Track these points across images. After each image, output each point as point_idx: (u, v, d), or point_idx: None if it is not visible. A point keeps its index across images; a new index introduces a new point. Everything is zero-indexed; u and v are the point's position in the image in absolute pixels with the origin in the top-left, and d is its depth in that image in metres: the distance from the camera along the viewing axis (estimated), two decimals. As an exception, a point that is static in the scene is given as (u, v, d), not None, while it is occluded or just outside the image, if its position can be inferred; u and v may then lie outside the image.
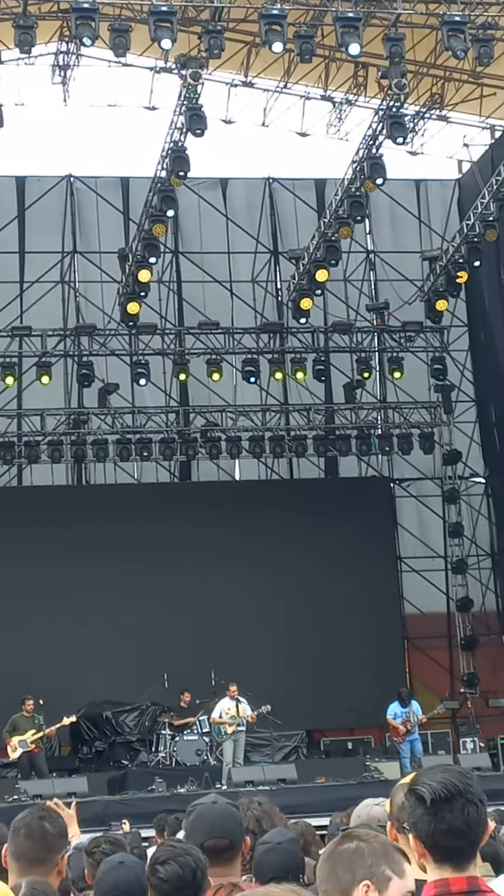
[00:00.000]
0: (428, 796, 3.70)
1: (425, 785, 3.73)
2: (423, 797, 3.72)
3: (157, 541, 30.46)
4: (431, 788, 3.71)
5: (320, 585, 31.13)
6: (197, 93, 25.24)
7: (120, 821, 16.42)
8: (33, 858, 4.99)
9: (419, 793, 3.74)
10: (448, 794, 3.70)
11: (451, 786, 3.71)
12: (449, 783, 3.72)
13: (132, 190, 33.11)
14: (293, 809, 17.12)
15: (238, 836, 5.25)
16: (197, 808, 5.37)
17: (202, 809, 5.32)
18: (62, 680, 27.34)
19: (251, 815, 6.20)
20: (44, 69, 30.37)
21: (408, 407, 33.37)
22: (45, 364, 30.80)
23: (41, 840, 5.05)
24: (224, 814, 5.28)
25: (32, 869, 4.94)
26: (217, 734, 24.64)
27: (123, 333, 31.80)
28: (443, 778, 3.74)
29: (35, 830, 5.06)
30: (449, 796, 3.70)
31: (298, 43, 24.72)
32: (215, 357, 31.58)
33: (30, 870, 4.92)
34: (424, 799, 3.71)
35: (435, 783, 3.72)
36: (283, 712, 25.64)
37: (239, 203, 34.74)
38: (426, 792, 3.72)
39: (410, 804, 3.77)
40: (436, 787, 3.71)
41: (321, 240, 29.74)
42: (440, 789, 3.70)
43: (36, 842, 5.04)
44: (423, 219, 35.27)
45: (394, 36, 25.00)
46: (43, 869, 4.98)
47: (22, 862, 4.98)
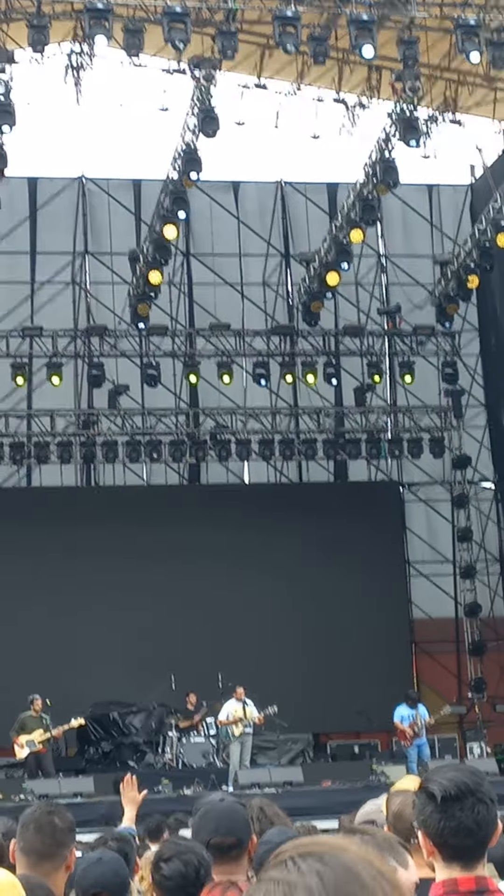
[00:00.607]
0: (439, 794, 3.67)
1: (436, 783, 3.71)
2: (433, 795, 3.69)
3: (165, 543, 30.45)
4: (442, 786, 3.68)
5: (328, 589, 31.10)
6: (210, 94, 25.25)
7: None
8: (42, 853, 4.98)
9: (430, 790, 3.71)
10: (459, 792, 3.67)
11: (461, 784, 3.68)
12: (460, 781, 3.70)
13: (144, 191, 33.14)
14: (299, 812, 17.08)
15: (245, 833, 5.23)
16: (204, 805, 5.36)
17: (209, 807, 5.31)
18: (69, 681, 27.32)
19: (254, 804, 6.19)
20: (57, 69, 30.35)
21: (418, 411, 33.33)
22: (56, 365, 30.81)
23: (50, 835, 5.03)
24: (231, 811, 5.26)
25: (41, 864, 4.92)
26: (224, 736, 24.62)
27: (134, 335, 31.82)
28: (454, 776, 3.71)
29: (44, 825, 5.05)
30: (460, 794, 3.67)
31: (312, 45, 24.72)
32: (226, 359, 31.58)
33: (39, 865, 4.90)
34: (435, 796, 3.68)
35: (446, 781, 3.70)
36: (289, 715, 25.61)
37: (251, 206, 34.74)
38: (437, 790, 3.69)
39: (421, 802, 3.75)
40: (447, 785, 3.68)
41: (332, 243, 29.71)
42: (451, 787, 3.68)
43: (45, 837, 5.02)
44: (435, 223, 35.23)
45: (408, 39, 25.01)
46: (51, 864, 4.97)
47: (31, 857, 4.97)
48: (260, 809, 6.29)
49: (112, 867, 5.54)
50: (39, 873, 4.78)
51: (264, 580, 30.85)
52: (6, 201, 29.37)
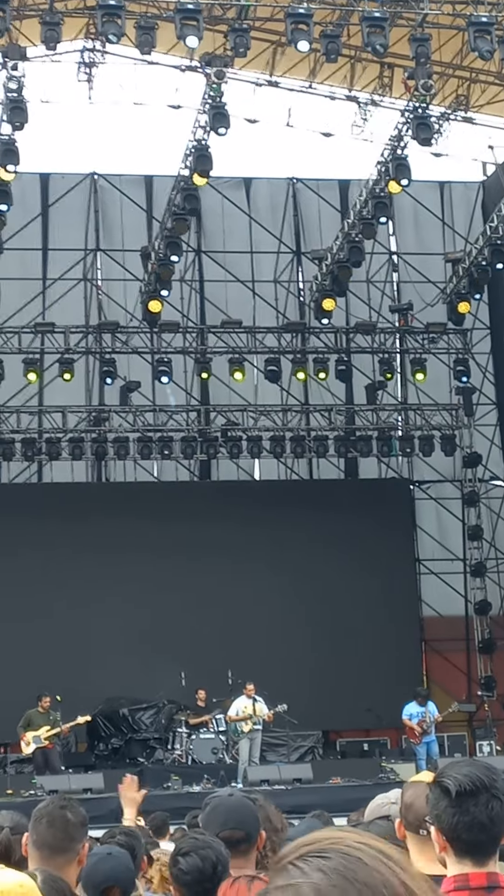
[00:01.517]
0: (453, 788, 3.69)
1: (451, 777, 3.72)
2: (448, 789, 3.71)
3: (175, 539, 30.49)
4: (457, 781, 3.70)
5: (338, 586, 31.11)
6: (221, 91, 25.24)
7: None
8: (55, 847, 5.00)
9: (444, 785, 3.73)
10: (473, 787, 3.69)
11: (476, 779, 3.70)
12: (475, 776, 3.71)
13: (156, 188, 33.15)
14: (308, 809, 17.03)
15: (254, 828, 5.25)
16: (213, 800, 5.39)
17: (218, 801, 5.34)
18: (79, 676, 27.37)
19: None
20: (69, 66, 30.42)
21: (429, 409, 33.31)
22: (68, 361, 30.85)
23: (62, 829, 5.05)
24: (240, 806, 5.28)
25: (54, 858, 4.94)
26: (233, 733, 24.64)
27: (145, 331, 31.83)
28: (469, 771, 3.73)
29: (56, 819, 5.07)
30: (474, 790, 3.69)
31: (324, 42, 24.69)
32: (237, 356, 31.59)
33: (51, 859, 4.93)
34: (450, 791, 3.70)
35: (461, 776, 3.71)
36: (299, 712, 25.64)
37: (262, 203, 34.74)
38: (451, 784, 3.71)
39: (435, 796, 3.76)
40: (461, 780, 3.70)
41: (345, 240, 29.72)
42: (466, 782, 3.69)
43: (57, 831, 5.04)
44: (446, 221, 35.21)
45: (420, 36, 24.99)
46: (64, 858, 4.99)
47: (44, 850, 4.99)
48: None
49: (122, 862, 5.58)
50: (52, 867, 4.80)
51: (274, 577, 30.87)
52: (18, 198, 29.29)
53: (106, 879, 5.46)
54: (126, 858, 5.68)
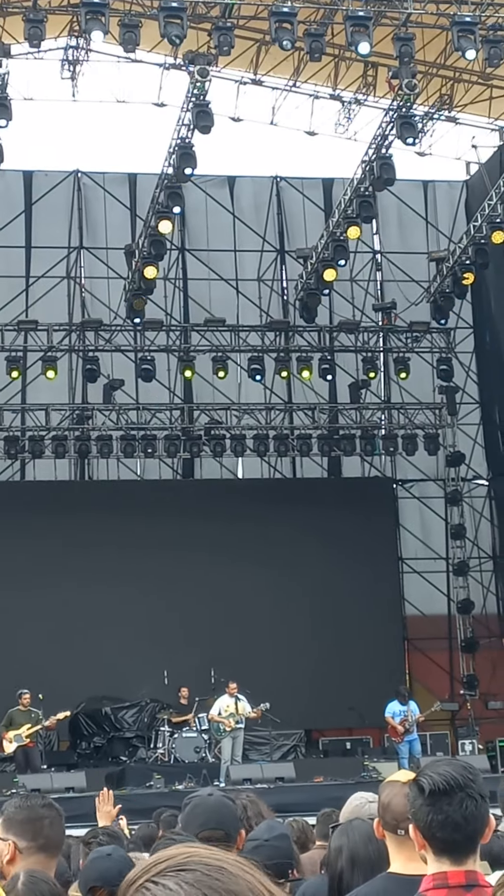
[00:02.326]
0: (427, 787, 3.70)
1: (427, 776, 3.74)
2: (423, 787, 3.72)
3: (158, 538, 30.47)
4: (432, 780, 3.71)
5: (321, 585, 31.13)
6: (205, 90, 25.22)
7: (117, 816, 16.36)
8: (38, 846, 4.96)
9: (420, 783, 3.74)
10: (447, 786, 3.70)
11: (451, 779, 3.71)
12: (450, 776, 3.72)
13: (139, 186, 33.11)
14: (291, 808, 17.10)
15: (233, 827, 5.25)
16: (193, 800, 5.38)
17: (197, 801, 5.33)
18: (62, 675, 27.33)
19: (239, 803, 6.19)
20: (53, 64, 30.40)
21: (412, 408, 33.34)
22: (51, 359, 30.79)
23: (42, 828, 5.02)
24: (219, 806, 5.28)
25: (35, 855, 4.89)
26: (216, 731, 24.64)
27: (129, 329, 31.81)
28: (445, 770, 3.74)
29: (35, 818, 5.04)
30: (448, 789, 3.70)
31: (308, 41, 24.71)
32: (221, 355, 31.57)
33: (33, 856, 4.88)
34: (424, 789, 3.71)
35: (436, 775, 3.72)
36: (282, 711, 25.65)
37: (246, 201, 34.73)
38: (426, 783, 3.72)
39: (412, 794, 3.78)
40: (436, 779, 3.71)
41: (329, 239, 29.73)
42: (440, 781, 3.70)
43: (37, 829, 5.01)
44: (430, 220, 35.25)
45: (404, 36, 25.00)
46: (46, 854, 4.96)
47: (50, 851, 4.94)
48: (242, 808, 6.30)
49: (118, 865, 5.57)
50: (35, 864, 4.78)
51: (257, 576, 30.86)
52: (2, 195, 29.45)
53: (98, 878, 5.46)
54: (123, 862, 5.66)
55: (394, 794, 4.68)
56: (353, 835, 5.31)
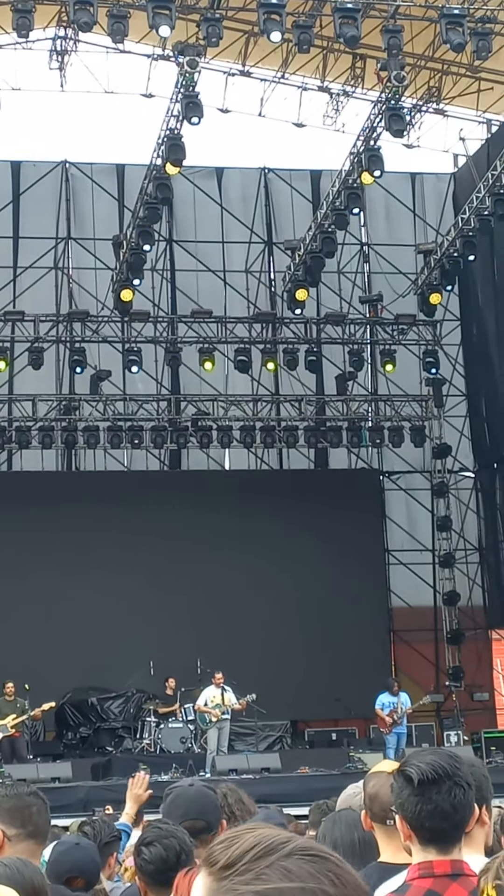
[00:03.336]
0: (416, 777, 3.73)
1: (414, 766, 3.76)
2: (410, 777, 3.74)
3: (145, 529, 30.48)
4: (420, 769, 3.74)
5: (308, 576, 31.16)
6: (194, 81, 25.19)
7: (103, 807, 16.44)
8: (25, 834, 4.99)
9: (407, 773, 3.77)
10: (436, 775, 3.73)
11: (439, 767, 3.74)
12: (437, 765, 3.75)
13: (127, 177, 33.07)
14: (276, 798, 17.18)
15: (214, 817, 5.28)
16: (174, 790, 5.41)
17: (179, 791, 5.36)
18: (48, 665, 27.35)
19: (219, 793, 6.22)
20: (41, 54, 30.36)
21: (399, 400, 33.37)
22: (38, 349, 30.76)
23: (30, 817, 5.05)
24: (200, 796, 5.31)
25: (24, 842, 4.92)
26: (201, 722, 24.67)
27: (116, 320, 31.78)
28: (432, 760, 3.77)
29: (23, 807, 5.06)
30: (437, 778, 3.73)
31: (297, 33, 24.72)
32: (207, 346, 31.57)
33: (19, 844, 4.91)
34: (412, 779, 3.74)
35: (423, 764, 3.75)
36: (268, 702, 25.66)
37: (234, 192, 34.71)
38: (414, 773, 3.74)
39: (399, 784, 3.80)
40: (424, 769, 3.74)
41: (317, 231, 29.74)
42: (428, 770, 3.73)
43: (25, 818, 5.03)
44: (417, 212, 35.27)
45: (392, 28, 25.00)
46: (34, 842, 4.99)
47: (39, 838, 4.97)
48: (223, 796, 6.32)
49: (89, 853, 5.60)
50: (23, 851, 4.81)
51: (244, 567, 30.88)
52: (-11, 185, 29.37)
53: (71, 869, 5.49)
54: (92, 850, 5.70)
55: (380, 785, 4.71)
56: (340, 824, 5.34)
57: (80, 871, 5.48)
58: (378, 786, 4.74)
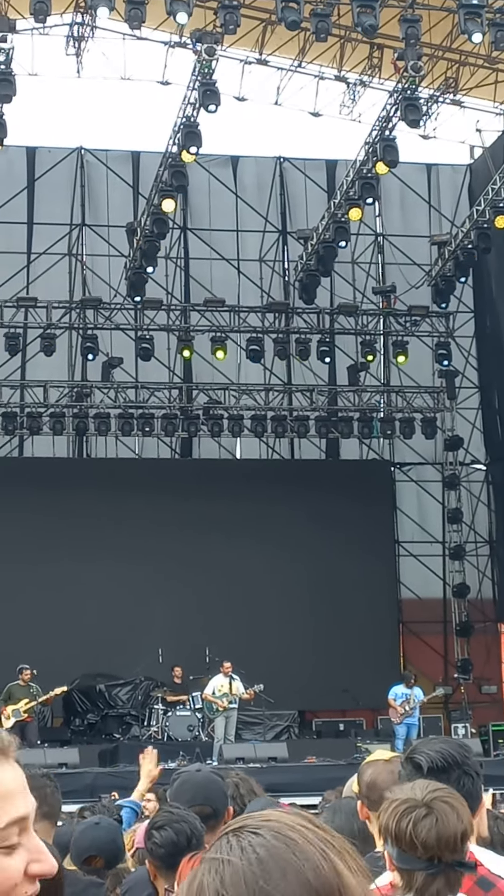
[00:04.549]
0: (425, 765, 3.70)
1: (423, 754, 3.74)
2: (420, 766, 3.72)
3: (155, 517, 30.47)
4: (429, 757, 3.71)
5: (317, 567, 31.14)
6: (211, 68, 25.17)
7: (109, 793, 16.45)
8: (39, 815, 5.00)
9: (417, 761, 3.74)
10: (445, 763, 3.70)
11: (448, 756, 3.71)
12: (447, 753, 3.72)
13: (143, 164, 33.02)
14: (283, 788, 17.20)
15: (221, 803, 5.27)
16: (181, 776, 5.41)
17: (185, 777, 5.35)
18: (56, 651, 27.34)
19: (230, 782, 6.21)
20: (58, 40, 30.33)
21: (411, 391, 33.33)
22: (50, 336, 30.76)
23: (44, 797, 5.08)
24: (207, 782, 5.30)
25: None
26: (209, 710, 24.68)
27: (129, 308, 31.77)
28: (441, 748, 3.74)
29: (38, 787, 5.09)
30: (446, 766, 3.70)
31: (314, 21, 24.66)
32: (220, 335, 31.54)
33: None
34: (421, 767, 3.71)
35: (433, 752, 3.73)
36: (276, 691, 25.69)
37: (249, 181, 34.66)
38: (424, 760, 3.72)
39: (407, 772, 3.78)
40: (433, 757, 3.71)
41: (330, 220, 29.69)
42: (438, 758, 3.71)
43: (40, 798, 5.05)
44: (433, 203, 35.18)
45: (410, 17, 24.95)
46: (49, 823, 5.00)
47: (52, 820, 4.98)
48: (234, 786, 6.32)
49: (110, 833, 5.59)
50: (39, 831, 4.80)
51: (254, 556, 30.87)
52: (4, 171, 29.35)
53: (89, 848, 5.48)
54: (114, 829, 5.69)
55: (378, 773, 4.68)
56: (340, 812, 5.33)
57: (98, 849, 5.48)
58: (376, 773, 4.71)
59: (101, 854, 5.47)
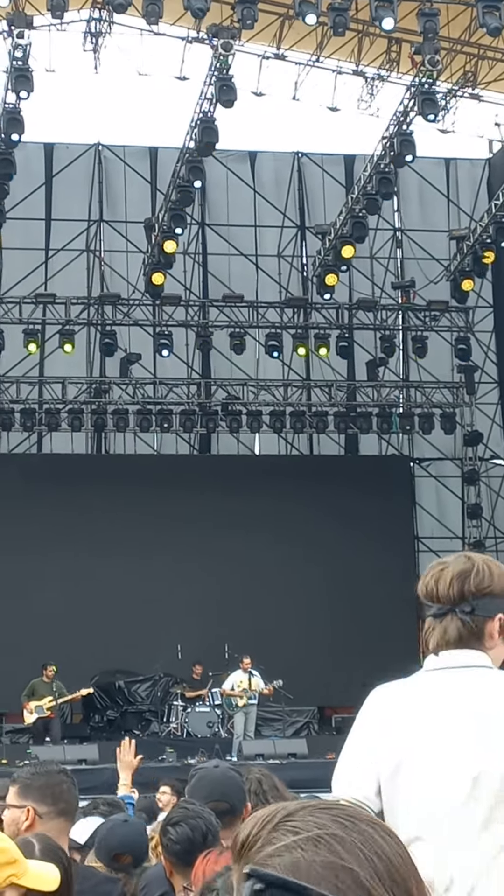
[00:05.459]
0: None
1: None
2: None
3: (173, 513, 30.47)
4: None
5: (336, 562, 31.10)
6: (228, 64, 25.13)
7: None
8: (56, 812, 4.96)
9: None
10: None
11: None
12: None
13: (160, 160, 33.01)
14: (302, 784, 17.12)
15: (239, 800, 5.24)
16: (199, 771, 5.39)
17: (203, 773, 5.34)
18: (75, 648, 27.35)
19: (252, 778, 6.18)
20: (76, 36, 30.30)
21: (430, 386, 33.27)
22: (69, 332, 30.78)
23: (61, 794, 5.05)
24: (224, 778, 5.28)
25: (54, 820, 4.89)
26: (228, 706, 24.68)
27: (147, 304, 31.77)
28: None
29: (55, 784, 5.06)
30: None
31: (332, 16, 24.61)
32: (238, 330, 31.52)
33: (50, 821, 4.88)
34: None
35: None
36: (295, 687, 25.67)
37: (267, 176, 34.61)
38: None
39: None
40: None
41: (348, 216, 29.64)
42: None
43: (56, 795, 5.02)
44: (451, 197, 35.08)
45: (428, 11, 24.89)
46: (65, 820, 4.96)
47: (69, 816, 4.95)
48: (257, 782, 6.29)
49: (137, 830, 5.58)
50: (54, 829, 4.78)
51: (272, 552, 30.84)
52: (22, 167, 29.22)
53: (119, 846, 5.45)
54: (141, 827, 5.67)
55: None
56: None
57: (127, 847, 5.45)
58: None
59: (130, 851, 5.45)
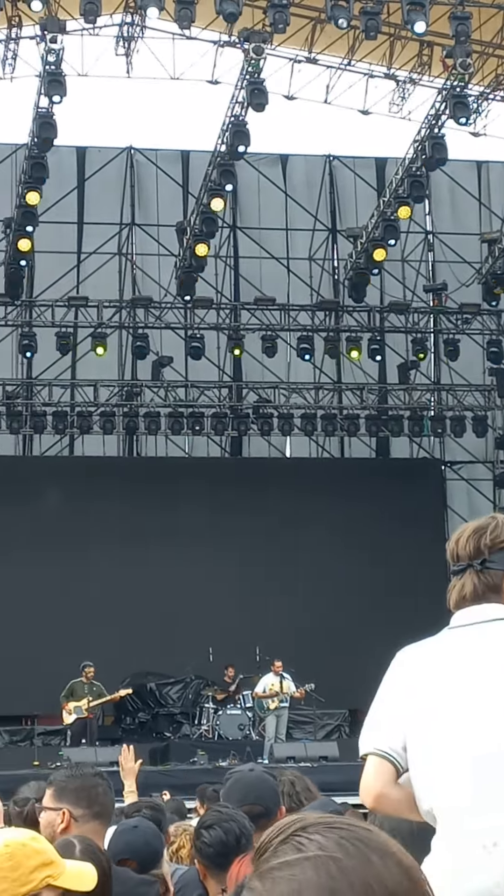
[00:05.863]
0: None
1: None
2: None
3: (206, 515, 30.50)
4: None
5: (367, 565, 31.05)
6: (259, 67, 25.17)
7: (160, 791, 16.49)
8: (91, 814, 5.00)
9: None
10: None
11: None
12: None
13: (192, 163, 33.08)
14: (334, 787, 17.09)
15: (273, 803, 5.26)
16: (234, 775, 5.41)
17: (238, 776, 5.36)
18: (107, 650, 27.39)
19: (285, 780, 6.21)
20: (108, 40, 30.36)
21: (462, 389, 33.22)
22: (101, 335, 30.88)
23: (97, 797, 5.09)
24: (259, 781, 5.30)
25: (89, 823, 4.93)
26: (259, 709, 24.70)
27: (179, 307, 31.82)
28: None
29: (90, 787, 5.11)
30: None
31: (364, 19, 24.63)
32: (270, 333, 31.55)
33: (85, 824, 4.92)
34: None
35: None
36: (326, 690, 25.66)
37: (298, 179, 34.63)
38: None
39: None
40: None
41: (380, 219, 29.64)
42: None
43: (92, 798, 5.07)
44: (483, 200, 35.01)
45: (460, 14, 24.87)
46: (100, 822, 5.01)
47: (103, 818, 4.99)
48: (290, 784, 6.32)
49: (145, 836, 5.58)
50: (90, 831, 4.83)
51: (304, 555, 30.85)
52: (55, 171, 29.33)
53: (123, 851, 5.47)
54: (150, 833, 5.67)
55: None
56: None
57: (131, 853, 5.46)
58: None
59: (134, 858, 5.46)
